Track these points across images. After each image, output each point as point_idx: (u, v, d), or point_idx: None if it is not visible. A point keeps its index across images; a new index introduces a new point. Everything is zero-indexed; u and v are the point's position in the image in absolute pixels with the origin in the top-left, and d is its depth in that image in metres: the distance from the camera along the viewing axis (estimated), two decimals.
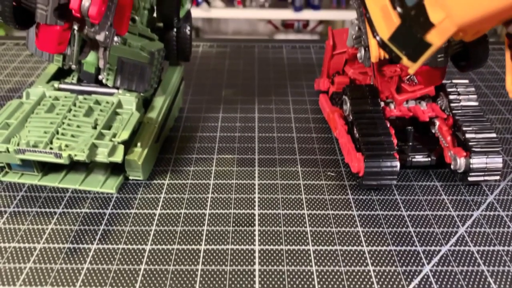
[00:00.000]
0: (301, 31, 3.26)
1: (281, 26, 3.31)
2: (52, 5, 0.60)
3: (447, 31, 0.35)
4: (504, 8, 0.25)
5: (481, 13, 0.26)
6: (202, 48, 1.17)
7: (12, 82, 1.01)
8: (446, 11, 0.28)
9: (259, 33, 3.41)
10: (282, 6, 2.71)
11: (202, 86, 1.00)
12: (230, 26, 3.36)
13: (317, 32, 3.28)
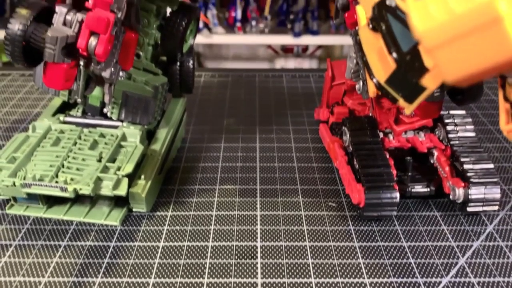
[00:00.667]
0: (301, 55, 3.31)
1: (281, 51, 3.35)
2: (60, 45, 0.62)
3: (441, 76, 0.37)
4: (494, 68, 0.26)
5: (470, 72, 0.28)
6: (204, 78, 1.19)
7: (17, 113, 1.03)
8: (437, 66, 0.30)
9: (259, 58, 3.46)
10: (281, 32, 2.76)
11: (204, 116, 1.02)
12: (230, 51, 3.41)
13: (316, 56, 3.32)
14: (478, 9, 0.26)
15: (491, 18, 0.25)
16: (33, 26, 0.63)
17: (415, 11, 0.29)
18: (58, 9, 0.63)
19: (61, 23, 0.63)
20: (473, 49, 0.27)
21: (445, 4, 0.27)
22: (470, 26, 0.26)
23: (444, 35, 0.28)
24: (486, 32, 0.26)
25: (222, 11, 2.83)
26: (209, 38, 2.73)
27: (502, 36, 0.25)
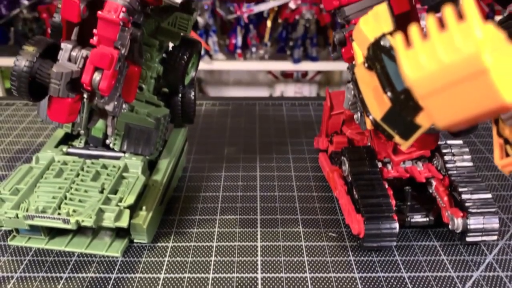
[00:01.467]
0: (300, 81, 3.34)
1: (281, 76, 3.39)
2: (65, 80, 0.64)
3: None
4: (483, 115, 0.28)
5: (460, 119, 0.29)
6: (205, 107, 1.21)
7: (20, 143, 1.04)
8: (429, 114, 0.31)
9: (259, 83, 3.50)
10: (281, 58, 2.80)
11: (205, 145, 1.03)
12: (231, 76, 3.45)
13: (316, 81, 3.36)
14: (465, 60, 0.27)
15: (478, 69, 0.27)
16: (39, 62, 0.65)
17: (406, 60, 0.31)
18: (64, 46, 0.65)
19: (66, 59, 0.65)
20: (461, 98, 0.28)
21: (434, 54, 0.29)
22: (458, 76, 0.28)
23: (433, 84, 0.29)
24: (473, 82, 0.27)
25: (222, 38, 2.88)
26: (210, 64, 2.77)
27: (488, 87, 0.26)
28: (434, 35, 0.29)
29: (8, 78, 3.24)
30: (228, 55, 2.84)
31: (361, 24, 0.49)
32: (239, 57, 2.80)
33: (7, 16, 2.75)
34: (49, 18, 2.70)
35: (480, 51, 0.26)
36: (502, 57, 0.27)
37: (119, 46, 0.64)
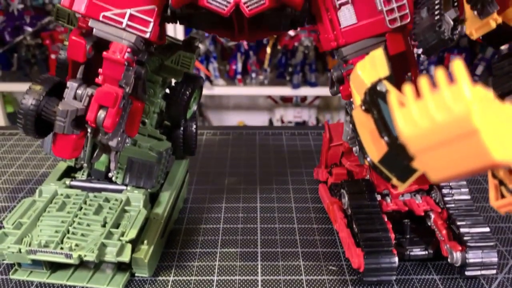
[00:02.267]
0: (300, 105, 3.37)
1: (280, 100, 3.42)
2: (70, 118, 0.66)
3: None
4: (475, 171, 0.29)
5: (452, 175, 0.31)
6: (206, 136, 1.23)
7: (23, 174, 1.05)
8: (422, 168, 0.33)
9: (259, 107, 3.53)
10: (280, 83, 2.83)
11: (206, 175, 1.04)
12: (231, 101, 3.48)
13: (315, 106, 3.39)
14: (456, 121, 0.28)
15: (468, 130, 0.28)
16: (45, 100, 0.66)
17: (400, 117, 0.32)
18: (70, 84, 0.67)
19: (72, 97, 0.67)
20: (454, 155, 0.30)
21: (427, 113, 0.30)
22: (450, 136, 0.29)
23: (427, 142, 0.31)
24: (464, 141, 0.29)
25: (223, 64, 2.92)
26: (210, 89, 2.80)
27: (478, 146, 0.28)
28: (427, 95, 0.30)
29: (10, 103, 3.26)
30: (228, 80, 2.88)
31: (358, 69, 0.50)
32: (239, 82, 2.84)
33: (11, 42, 2.80)
34: (51, 44, 2.74)
35: (470, 113, 0.28)
36: (491, 116, 0.28)
37: (123, 85, 0.66)
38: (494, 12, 0.55)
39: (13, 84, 2.84)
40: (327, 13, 0.65)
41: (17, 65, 2.86)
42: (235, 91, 2.88)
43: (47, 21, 2.85)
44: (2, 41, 2.78)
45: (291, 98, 3.39)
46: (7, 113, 3.14)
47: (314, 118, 3.34)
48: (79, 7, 0.63)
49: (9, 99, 3.17)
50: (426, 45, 0.57)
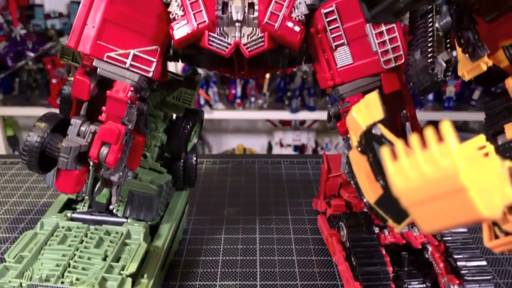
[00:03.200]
0: (299, 128, 3.40)
1: (279, 124, 3.45)
2: (73, 154, 0.67)
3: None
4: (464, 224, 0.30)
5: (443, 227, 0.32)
6: (205, 165, 1.24)
7: (24, 204, 1.06)
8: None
9: (258, 130, 3.55)
10: (279, 107, 2.86)
11: (206, 205, 1.05)
12: (230, 125, 3.51)
13: (314, 129, 3.41)
14: (445, 178, 0.30)
15: (457, 187, 0.30)
16: (49, 136, 0.68)
17: (393, 171, 0.34)
18: (73, 122, 0.69)
19: (75, 134, 0.69)
20: (444, 210, 0.31)
21: (418, 169, 0.32)
22: (440, 191, 0.31)
23: (418, 196, 0.32)
24: (454, 197, 0.30)
25: (222, 88, 2.95)
26: (210, 114, 2.83)
27: (467, 202, 0.29)
28: (417, 152, 0.32)
29: (10, 126, 3.29)
30: (227, 104, 2.91)
31: (353, 111, 0.52)
32: (238, 106, 2.87)
33: (13, 67, 2.83)
34: (53, 69, 2.78)
35: (458, 171, 0.30)
36: (478, 173, 0.30)
37: (126, 122, 0.68)
38: (485, 55, 0.58)
39: (14, 108, 2.87)
40: (324, 53, 0.68)
41: (19, 89, 2.89)
42: (235, 115, 2.91)
43: (48, 46, 2.90)
44: (5, 66, 2.82)
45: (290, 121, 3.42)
46: (7, 136, 3.16)
47: (313, 141, 3.36)
48: (84, 48, 0.65)
49: (9, 122, 3.20)
50: (420, 87, 0.59)
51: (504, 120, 0.60)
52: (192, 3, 0.62)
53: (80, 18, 0.65)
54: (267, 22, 0.62)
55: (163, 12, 0.67)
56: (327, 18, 0.66)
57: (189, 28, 0.63)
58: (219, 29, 0.65)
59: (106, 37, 0.65)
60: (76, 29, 0.65)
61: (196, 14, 0.62)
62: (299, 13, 0.63)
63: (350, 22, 0.65)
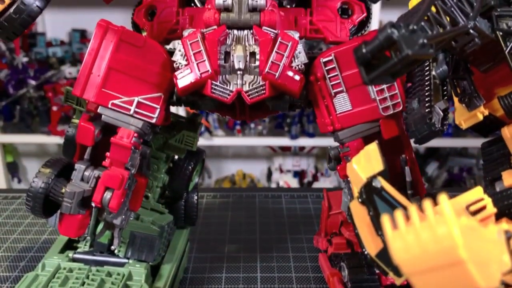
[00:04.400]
0: (298, 154, 3.41)
1: (279, 149, 3.46)
2: (77, 199, 0.68)
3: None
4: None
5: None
6: (206, 199, 1.25)
7: (25, 241, 1.06)
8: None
9: (257, 156, 3.57)
10: (279, 134, 2.88)
11: (206, 242, 1.05)
12: (230, 150, 3.52)
13: (313, 154, 3.43)
14: (444, 251, 0.31)
15: (455, 260, 0.31)
16: (53, 181, 0.69)
17: (393, 241, 0.35)
18: (77, 167, 0.70)
19: (79, 179, 0.70)
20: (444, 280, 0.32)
21: (418, 241, 0.33)
22: (439, 263, 0.31)
23: (418, 266, 0.33)
24: (453, 269, 0.31)
25: None
26: (210, 140, 2.84)
27: (466, 275, 0.30)
28: (417, 224, 0.33)
29: (10, 153, 3.29)
30: (227, 131, 2.93)
31: (353, 163, 0.53)
32: (238, 133, 2.89)
33: (14, 95, 2.86)
34: (54, 96, 2.80)
35: (456, 244, 0.31)
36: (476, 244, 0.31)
37: (129, 167, 0.69)
38: (481, 105, 0.59)
39: (14, 135, 2.89)
40: (323, 100, 0.69)
41: (19, 116, 2.91)
42: (234, 142, 2.93)
43: (50, 74, 2.93)
44: (6, 93, 2.84)
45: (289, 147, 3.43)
46: (6, 163, 3.16)
47: (312, 167, 3.36)
48: (90, 96, 0.67)
49: (9, 149, 3.21)
50: (418, 136, 0.60)
51: (501, 167, 0.62)
52: (196, 53, 0.64)
53: (85, 67, 0.67)
54: (268, 71, 0.64)
55: (167, 60, 0.69)
56: (326, 66, 0.68)
57: (192, 77, 0.64)
58: (222, 77, 0.66)
59: (111, 85, 0.67)
60: (81, 77, 0.67)
61: (199, 64, 0.64)
62: (299, 62, 0.65)
63: (348, 71, 0.67)
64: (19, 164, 3.32)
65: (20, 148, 3.36)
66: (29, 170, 3.43)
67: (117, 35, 0.67)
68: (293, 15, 0.72)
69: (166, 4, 0.75)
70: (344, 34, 0.72)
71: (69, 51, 3.03)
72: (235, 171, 3.49)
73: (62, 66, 2.99)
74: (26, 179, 3.43)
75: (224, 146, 3.42)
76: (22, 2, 0.61)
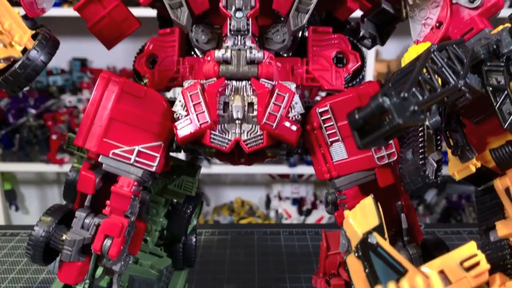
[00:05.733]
0: (297, 181, 3.41)
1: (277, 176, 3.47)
2: (77, 247, 0.69)
3: None
4: None
5: None
6: (204, 236, 1.25)
7: (23, 281, 1.06)
8: None
9: (256, 183, 3.57)
10: (277, 161, 2.89)
11: (205, 282, 1.05)
12: (229, 178, 3.53)
13: (312, 181, 3.43)
14: None
15: None
16: (54, 229, 0.70)
17: None
18: (78, 215, 0.70)
19: (79, 226, 0.70)
20: None
21: None
22: None
23: None
24: None
25: None
26: (208, 168, 2.85)
27: None
28: None
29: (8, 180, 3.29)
30: None
31: (350, 217, 0.54)
32: None
33: (14, 124, 2.87)
34: (53, 125, 2.81)
35: None
36: None
37: (129, 215, 0.70)
38: (473, 157, 0.61)
39: (13, 164, 2.89)
40: (320, 148, 0.71)
41: (19, 145, 2.92)
42: (233, 169, 2.93)
43: (50, 103, 2.96)
44: (6, 122, 2.86)
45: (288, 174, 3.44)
46: (4, 191, 3.15)
47: (311, 194, 3.36)
48: (91, 146, 0.68)
49: (7, 176, 3.20)
50: (413, 187, 0.62)
51: (495, 217, 0.63)
52: (195, 105, 0.66)
53: (87, 117, 0.69)
54: (266, 122, 0.65)
55: (167, 110, 0.70)
56: (322, 116, 0.69)
57: (192, 128, 0.66)
58: (220, 126, 0.68)
59: (112, 135, 0.68)
60: (83, 127, 0.68)
61: (199, 115, 0.65)
62: (295, 113, 0.67)
63: (344, 121, 0.68)
64: (17, 191, 3.31)
65: (18, 176, 3.36)
66: (27, 197, 3.43)
67: (119, 86, 0.69)
68: (289, 65, 0.75)
69: (167, 53, 0.77)
70: (339, 82, 0.74)
71: (70, 80, 3.06)
72: (233, 199, 3.48)
73: (62, 95, 3.01)
74: (24, 207, 3.42)
75: (223, 173, 3.43)
76: (28, 58, 0.63)
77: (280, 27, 0.72)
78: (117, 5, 0.75)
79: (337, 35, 0.76)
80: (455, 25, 0.72)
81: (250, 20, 0.67)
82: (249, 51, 0.67)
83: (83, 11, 0.76)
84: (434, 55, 0.52)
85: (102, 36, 0.78)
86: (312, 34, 0.75)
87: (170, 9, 0.66)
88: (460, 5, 0.71)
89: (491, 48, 0.60)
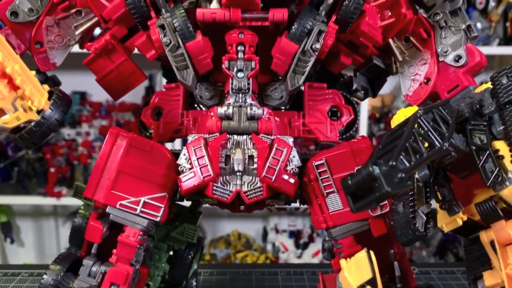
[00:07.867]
0: (294, 213, 3.43)
1: (274, 208, 3.48)
2: None
3: None
4: None
5: None
6: (203, 276, 1.27)
7: None
8: None
9: (253, 215, 3.57)
10: None
11: None
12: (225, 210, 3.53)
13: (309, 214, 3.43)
14: None
15: None
16: (62, 277, 0.72)
17: None
18: (85, 263, 0.73)
19: (87, 274, 0.73)
20: None
21: None
22: None
23: None
24: None
25: None
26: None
27: None
28: None
29: (4, 212, 3.28)
30: None
31: (345, 271, 0.58)
32: None
33: (13, 157, 2.89)
34: (52, 158, 2.84)
35: None
36: None
37: (134, 263, 0.73)
38: (460, 211, 0.65)
39: (11, 197, 2.90)
40: (317, 199, 0.75)
41: (17, 178, 2.93)
42: None
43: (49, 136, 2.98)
44: (5, 155, 2.88)
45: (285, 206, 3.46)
46: (0, 223, 3.15)
47: (308, 226, 3.36)
48: (99, 197, 0.72)
49: (3, 208, 3.20)
50: (404, 239, 0.66)
51: (482, 267, 0.66)
52: (199, 158, 0.70)
53: (97, 170, 0.73)
54: (265, 175, 0.69)
55: (172, 162, 0.74)
56: (318, 169, 0.74)
57: (195, 180, 0.69)
58: (222, 178, 0.72)
59: (119, 187, 0.72)
60: (93, 180, 0.72)
61: (202, 169, 0.69)
62: (293, 166, 0.71)
63: (339, 174, 0.73)
64: (12, 223, 3.30)
65: (15, 208, 3.35)
66: (22, 230, 3.41)
67: (127, 141, 0.73)
68: (287, 118, 0.79)
69: (172, 106, 0.82)
70: (334, 134, 0.79)
71: (69, 113, 3.10)
72: (230, 231, 3.48)
73: (61, 128, 3.05)
74: (19, 239, 3.40)
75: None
76: (43, 117, 0.67)
77: (278, 85, 0.77)
78: (124, 60, 0.80)
79: (331, 91, 0.81)
80: (442, 81, 0.77)
81: (251, 79, 0.72)
82: (249, 107, 0.72)
83: (92, 65, 0.81)
84: (420, 119, 0.56)
85: (110, 88, 0.83)
86: (308, 89, 0.80)
87: (177, 71, 0.71)
88: (447, 63, 0.76)
89: (475, 108, 0.65)
